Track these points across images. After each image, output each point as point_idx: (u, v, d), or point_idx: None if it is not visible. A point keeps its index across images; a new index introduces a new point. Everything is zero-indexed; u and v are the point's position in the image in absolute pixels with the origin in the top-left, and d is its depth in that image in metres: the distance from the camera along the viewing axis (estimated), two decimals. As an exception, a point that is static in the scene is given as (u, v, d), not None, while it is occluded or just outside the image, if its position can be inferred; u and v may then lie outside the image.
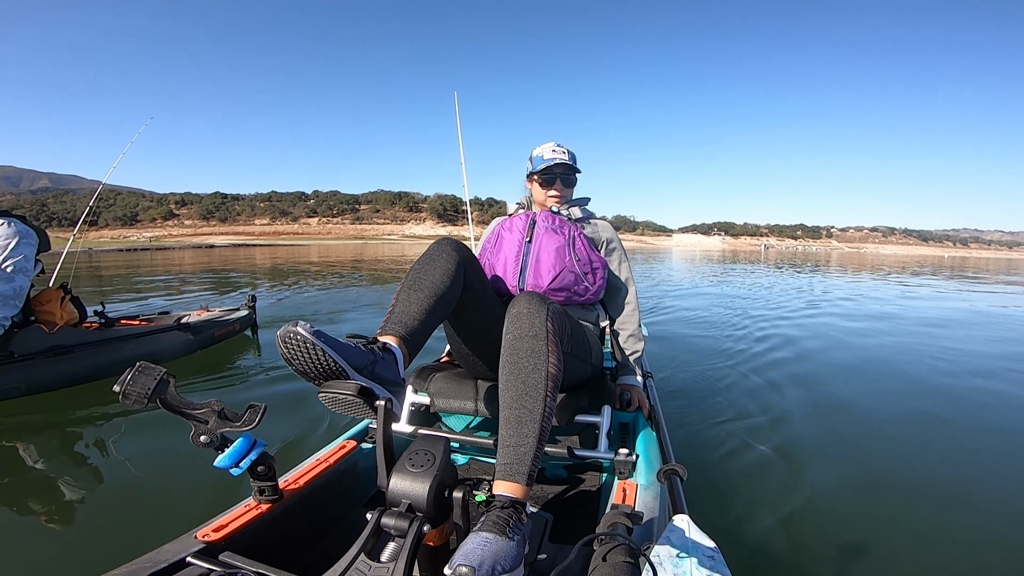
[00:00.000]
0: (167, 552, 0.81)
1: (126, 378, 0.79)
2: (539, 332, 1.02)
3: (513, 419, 0.94)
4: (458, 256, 1.19)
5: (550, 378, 0.98)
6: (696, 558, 0.74)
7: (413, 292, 1.09)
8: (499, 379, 1.02)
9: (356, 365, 0.88)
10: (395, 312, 1.06)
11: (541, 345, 1.00)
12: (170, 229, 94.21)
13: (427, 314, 1.06)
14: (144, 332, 3.15)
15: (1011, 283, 12.98)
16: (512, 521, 0.80)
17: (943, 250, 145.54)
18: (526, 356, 1.00)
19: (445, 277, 1.13)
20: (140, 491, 1.78)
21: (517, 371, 0.99)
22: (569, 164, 1.60)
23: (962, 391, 3.03)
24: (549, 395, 0.97)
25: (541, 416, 0.94)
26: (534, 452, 0.91)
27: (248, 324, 4.15)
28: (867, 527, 1.57)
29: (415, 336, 1.03)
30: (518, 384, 0.97)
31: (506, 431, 0.94)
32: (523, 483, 0.87)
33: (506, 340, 1.04)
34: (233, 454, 0.86)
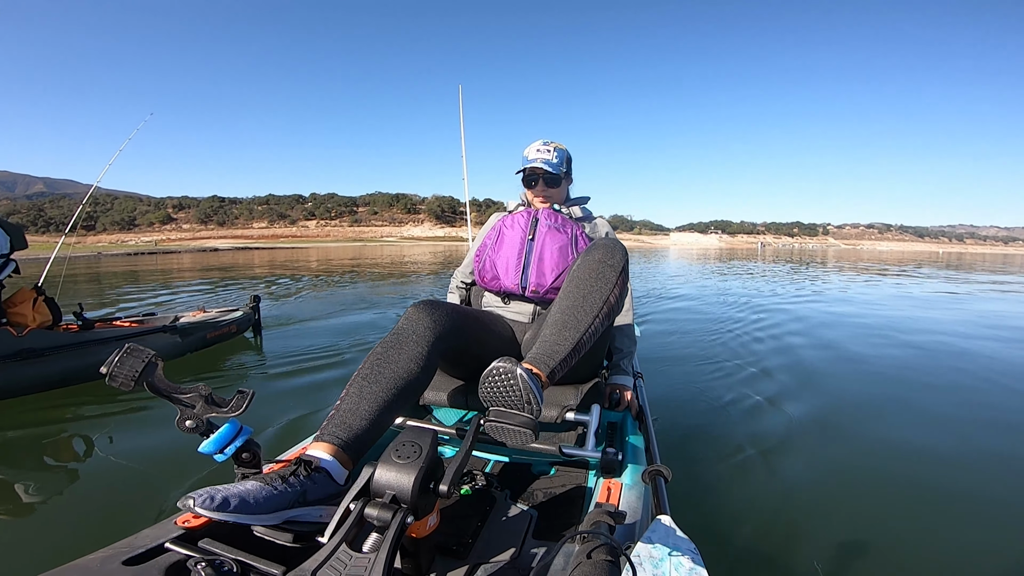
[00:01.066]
0: (145, 537, 0.80)
1: (113, 360, 0.78)
2: (616, 265, 1.08)
3: (559, 322, 1.01)
4: (433, 335, 1.06)
5: (607, 305, 1.04)
6: (676, 558, 0.74)
7: (367, 385, 0.96)
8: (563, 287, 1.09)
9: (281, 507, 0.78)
10: (339, 412, 0.93)
11: (613, 276, 1.06)
12: (168, 233, 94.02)
13: (381, 411, 0.94)
14: (124, 335, 3.06)
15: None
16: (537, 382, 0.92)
17: (939, 246, 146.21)
18: (595, 277, 1.05)
19: (412, 363, 1.01)
20: (121, 482, 1.81)
21: (582, 285, 1.05)
22: (547, 169, 1.54)
23: (946, 386, 3.05)
24: (599, 318, 1.02)
25: (585, 331, 0.99)
26: (564, 356, 0.97)
27: (248, 325, 4.08)
28: (847, 529, 1.58)
29: (359, 440, 0.90)
30: (577, 296, 1.03)
31: (549, 330, 1.01)
32: (545, 372, 0.95)
33: (583, 259, 1.11)
34: (218, 440, 0.85)
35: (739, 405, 2.71)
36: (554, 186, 1.58)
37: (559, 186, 1.59)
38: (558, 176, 1.56)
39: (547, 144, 1.59)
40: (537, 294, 1.42)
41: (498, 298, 1.54)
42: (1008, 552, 1.48)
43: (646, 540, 0.79)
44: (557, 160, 1.56)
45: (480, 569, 0.92)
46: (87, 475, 1.90)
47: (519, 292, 1.44)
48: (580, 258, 1.13)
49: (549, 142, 1.60)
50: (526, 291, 1.43)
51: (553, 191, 1.58)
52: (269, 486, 0.78)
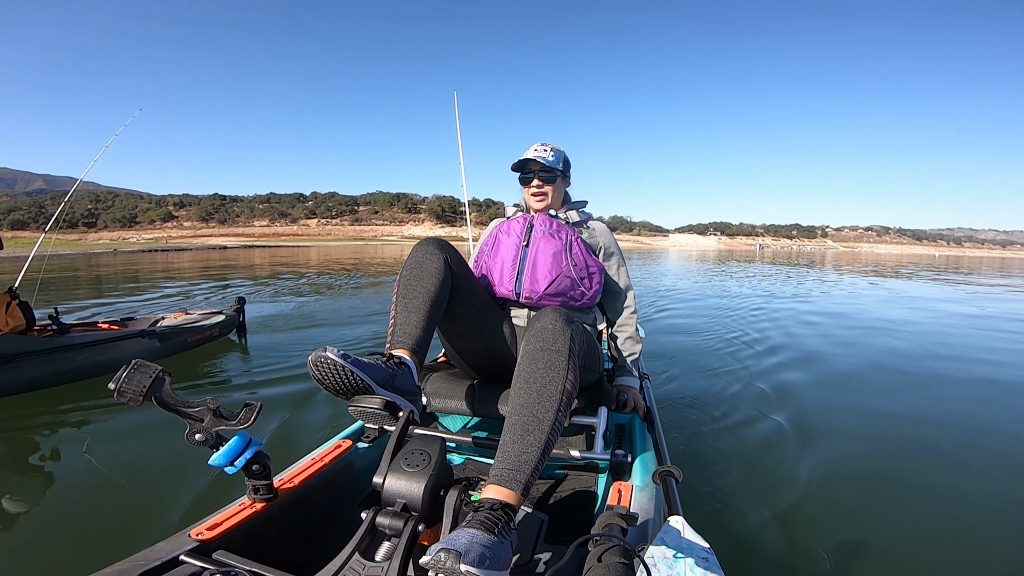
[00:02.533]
0: (160, 550, 0.81)
1: (121, 376, 0.78)
2: (562, 348, 1.00)
3: (520, 426, 0.91)
4: (443, 255, 1.23)
5: (565, 394, 0.95)
6: (690, 559, 0.74)
7: (409, 301, 1.15)
8: (512, 386, 1.00)
9: (379, 381, 0.97)
10: (397, 325, 1.12)
11: (562, 361, 0.98)
12: (169, 231, 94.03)
13: (426, 320, 1.13)
14: (99, 339, 2.97)
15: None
16: (501, 524, 0.75)
17: (936, 249, 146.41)
18: (544, 368, 0.98)
19: (434, 278, 1.19)
20: (133, 492, 1.78)
21: (533, 380, 0.96)
22: (541, 163, 1.52)
23: (959, 389, 3.04)
24: (561, 411, 0.94)
25: (549, 429, 0.90)
26: (535, 464, 0.87)
27: (231, 328, 3.99)
28: (863, 529, 1.58)
29: (421, 344, 1.10)
30: (531, 393, 0.95)
31: (509, 437, 0.90)
32: (518, 492, 0.83)
33: (526, 350, 1.02)
34: (228, 452, 0.86)
35: (748, 404, 2.70)
36: (550, 182, 1.55)
37: (555, 183, 1.56)
38: (553, 171, 1.54)
39: (545, 145, 1.59)
40: (531, 300, 1.42)
41: (487, 297, 1.55)
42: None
43: (659, 542, 0.79)
44: (553, 158, 1.55)
45: None
46: (65, 482, 1.88)
47: (514, 298, 1.45)
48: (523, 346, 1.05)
49: (547, 143, 1.60)
50: (520, 297, 1.43)
51: (549, 188, 1.55)
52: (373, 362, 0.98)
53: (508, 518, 0.78)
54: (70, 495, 1.78)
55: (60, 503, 1.73)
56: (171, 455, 2.02)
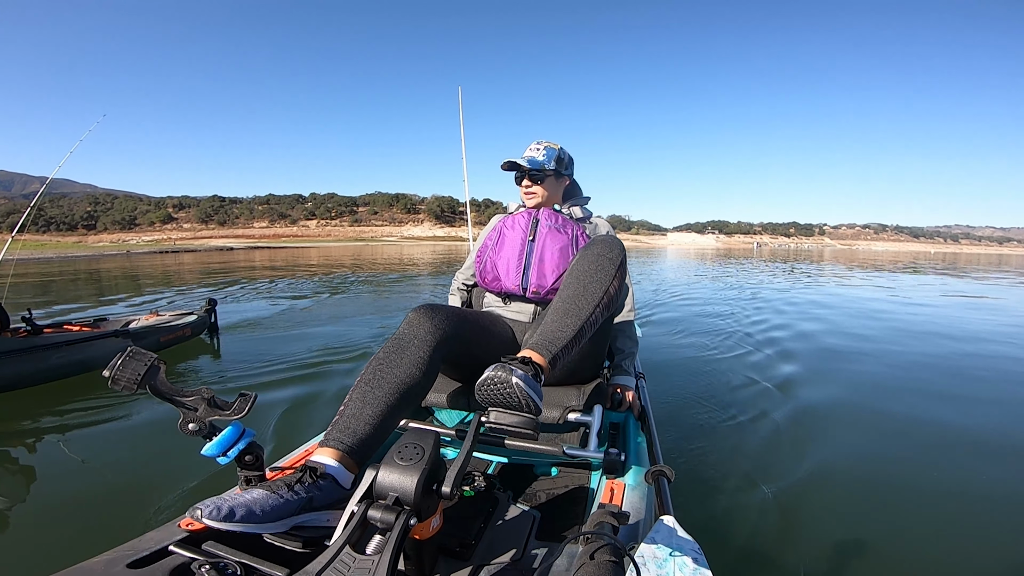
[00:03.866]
0: (149, 540, 0.80)
1: (116, 363, 0.78)
2: (615, 258, 1.12)
3: (561, 310, 1.03)
4: (435, 339, 1.07)
5: (607, 295, 1.07)
6: (680, 558, 0.74)
7: (370, 390, 0.97)
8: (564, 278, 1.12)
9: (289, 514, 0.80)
10: (343, 418, 0.94)
11: (612, 268, 1.10)
12: (169, 233, 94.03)
13: (384, 416, 0.95)
14: (73, 339, 3.03)
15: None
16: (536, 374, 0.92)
17: (932, 246, 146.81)
18: (596, 269, 1.09)
19: (413, 368, 1.02)
20: (122, 485, 1.80)
21: (583, 276, 1.08)
22: (522, 164, 1.52)
23: (959, 386, 3.04)
24: (600, 308, 1.05)
25: (586, 319, 1.02)
26: (566, 342, 0.98)
27: (203, 328, 4.07)
28: (855, 529, 1.58)
29: (364, 445, 0.92)
30: (579, 285, 1.07)
31: (551, 317, 1.03)
32: (547, 359, 0.95)
33: (584, 253, 1.14)
34: (221, 443, 0.85)
35: (742, 404, 2.71)
36: (539, 181, 1.55)
37: (544, 183, 1.55)
38: (540, 172, 1.53)
39: (539, 143, 1.58)
40: (538, 295, 1.42)
41: (499, 299, 1.54)
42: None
43: (649, 540, 0.79)
44: (544, 158, 1.54)
45: (483, 570, 0.92)
46: (48, 479, 1.89)
47: (520, 293, 1.44)
48: (579, 253, 1.16)
49: (542, 141, 1.59)
50: (527, 292, 1.43)
51: (538, 188, 1.55)
52: (275, 494, 0.80)
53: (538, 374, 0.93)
54: (53, 491, 1.78)
55: (43, 499, 1.74)
56: (154, 452, 2.05)
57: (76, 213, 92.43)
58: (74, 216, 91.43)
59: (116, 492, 1.76)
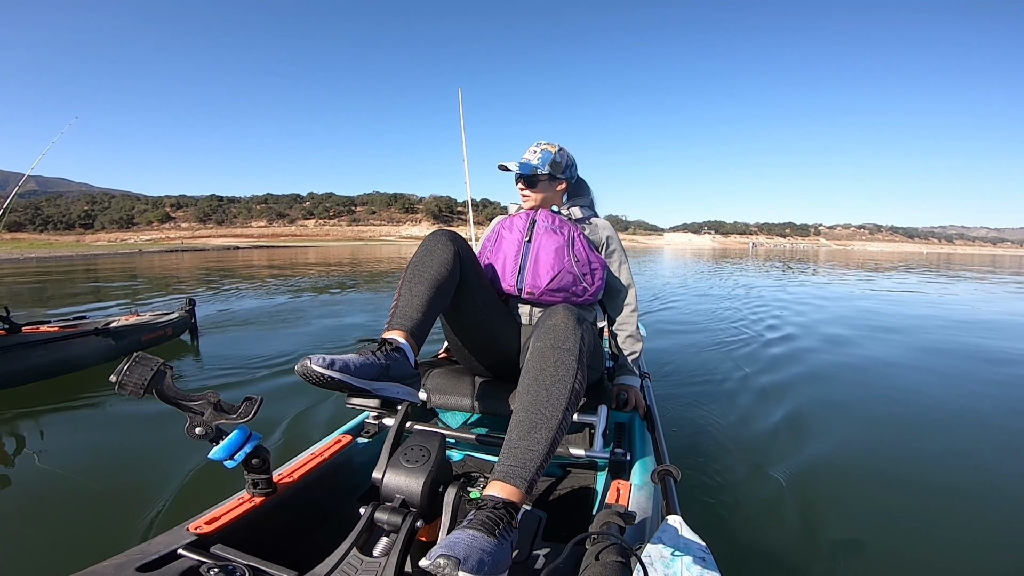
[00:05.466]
0: (158, 544, 0.80)
1: (123, 368, 0.78)
2: (573, 347, 1.00)
3: (527, 423, 0.91)
4: (454, 246, 1.23)
5: (574, 393, 0.96)
6: (687, 558, 0.74)
7: (415, 285, 1.14)
8: (520, 382, 1.00)
9: (373, 376, 0.94)
10: (399, 307, 1.11)
11: (572, 360, 0.98)
12: (167, 232, 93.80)
13: (428, 305, 1.12)
14: (53, 338, 2.97)
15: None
16: (503, 524, 0.76)
17: (926, 247, 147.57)
18: (554, 366, 0.97)
19: (442, 267, 1.18)
20: (133, 486, 1.78)
21: (542, 378, 0.96)
22: (510, 169, 1.54)
23: (960, 389, 3.04)
24: (568, 410, 0.94)
25: (556, 428, 0.91)
26: (540, 461, 0.87)
27: (184, 328, 4.04)
28: (862, 528, 1.57)
29: (420, 327, 1.09)
30: (540, 390, 0.95)
31: (516, 433, 0.91)
32: (522, 489, 0.84)
33: (535, 347, 1.02)
34: (228, 446, 0.86)
35: (749, 403, 2.70)
36: (531, 186, 1.56)
37: (536, 186, 1.56)
38: (532, 176, 1.54)
39: (538, 145, 1.58)
40: (533, 296, 1.42)
41: (494, 295, 1.54)
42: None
43: (656, 541, 0.79)
44: (539, 161, 1.54)
45: None
46: (99, 477, 1.87)
47: (516, 294, 1.44)
48: (532, 343, 1.04)
49: (540, 143, 1.58)
50: (522, 293, 1.43)
51: (532, 192, 1.56)
52: (363, 356, 0.94)
53: (510, 517, 0.79)
54: (45, 494, 1.74)
55: (34, 504, 1.69)
56: (141, 452, 2.03)
57: (73, 212, 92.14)
58: (71, 215, 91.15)
59: (115, 496, 1.74)
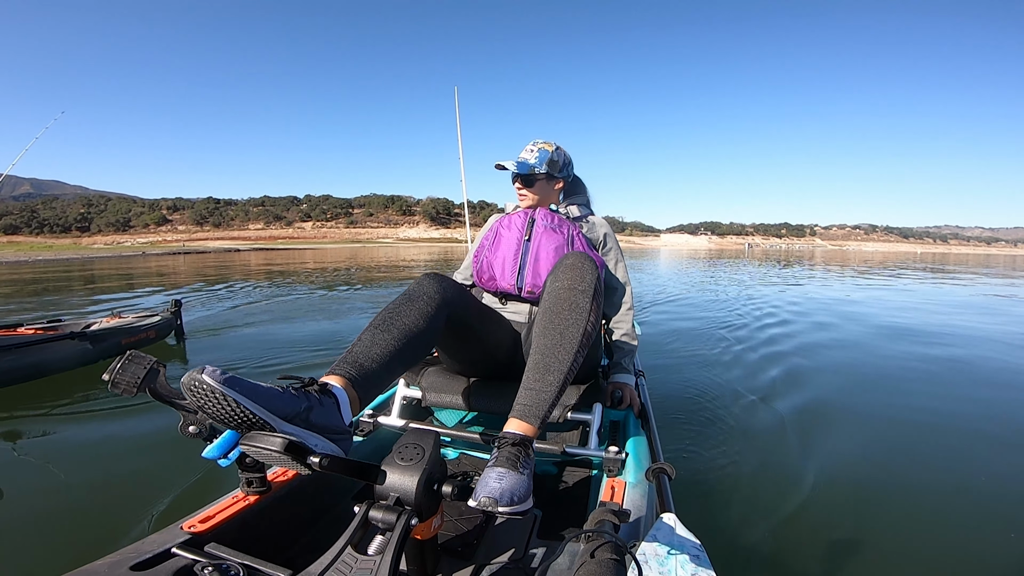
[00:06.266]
0: (152, 543, 0.80)
1: (115, 367, 0.78)
2: (587, 288, 1.05)
3: (541, 366, 0.98)
4: (440, 298, 1.09)
5: (586, 335, 1.02)
6: (681, 556, 0.74)
7: (380, 333, 0.98)
8: (536, 324, 1.06)
9: (283, 414, 0.75)
10: (351, 353, 0.94)
11: (586, 302, 1.04)
12: (164, 235, 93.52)
13: (391, 358, 0.96)
14: (25, 342, 2.84)
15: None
16: (521, 457, 0.87)
17: (920, 247, 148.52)
18: (568, 309, 1.03)
19: (420, 320, 1.04)
20: (126, 485, 1.77)
21: (557, 321, 1.02)
22: (506, 167, 1.54)
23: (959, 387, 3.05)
24: (580, 352, 1.01)
25: (568, 369, 0.98)
26: (552, 400, 0.95)
27: (168, 331, 3.92)
28: (856, 527, 1.58)
29: (369, 380, 0.91)
30: (554, 334, 1.01)
31: (531, 375, 0.98)
32: (535, 425, 0.93)
33: (552, 287, 1.08)
34: (222, 445, 0.85)
35: (743, 401, 2.71)
36: (528, 185, 1.56)
37: (534, 185, 1.56)
38: (529, 176, 1.54)
39: (535, 144, 1.58)
40: (533, 294, 1.42)
41: (496, 299, 1.54)
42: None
43: (650, 538, 0.79)
44: (536, 160, 1.54)
45: (485, 569, 0.92)
46: (93, 475, 1.86)
47: (515, 292, 1.44)
48: (548, 285, 1.08)
49: (537, 142, 1.58)
50: (522, 291, 1.43)
51: (529, 191, 1.56)
52: (279, 388, 0.78)
53: (527, 451, 0.89)
54: (35, 497, 1.73)
55: (24, 507, 1.68)
56: (134, 453, 2.01)
57: (70, 215, 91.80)
58: (68, 218, 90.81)
59: (108, 496, 1.73)
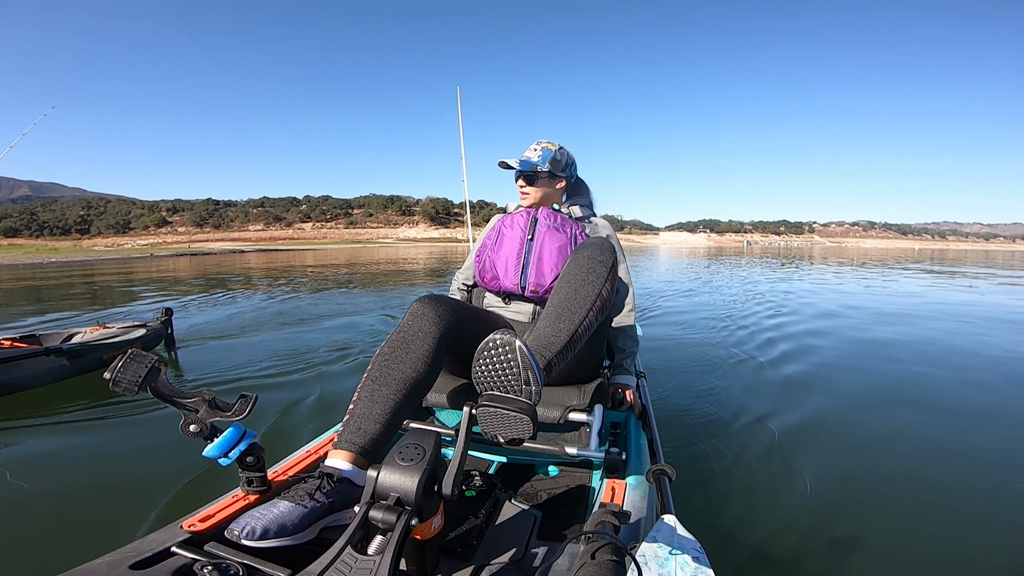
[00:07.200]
0: (151, 542, 0.80)
1: (116, 366, 0.79)
2: (606, 261, 1.10)
3: (554, 315, 1.01)
4: (439, 330, 1.09)
5: (600, 299, 1.05)
6: (681, 557, 0.74)
7: (378, 388, 0.99)
8: (555, 286, 1.10)
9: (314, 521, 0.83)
10: (353, 417, 0.96)
11: (603, 271, 1.08)
12: (164, 236, 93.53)
13: (392, 413, 0.97)
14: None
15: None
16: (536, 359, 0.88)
17: (919, 243, 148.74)
18: (587, 272, 1.07)
19: (419, 364, 1.03)
20: (126, 485, 1.78)
21: (573, 280, 1.06)
22: (511, 165, 1.54)
23: (953, 387, 3.04)
24: (593, 312, 1.03)
25: (580, 323, 1.00)
26: (561, 347, 0.96)
27: (158, 341, 3.75)
28: (856, 529, 1.57)
29: (375, 443, 0.95)
30: (570, 289, 1.05)
31: (544, 322, 1.01)
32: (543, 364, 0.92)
33: (572, 258, 1.13)
34: (222, 444, 0.86)
35: (743, 402, 2.70)
36: (531, 183, 1.56)
37: (537, 184, 1.57)
38: (532, 174, 1.55)
39: (538, 143, 1.59)
40: (536, 294, 1.43)
41: (498, 298, 1.54)
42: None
43: (651, 540, 0.79)
44: (539, 159, 1.54)
45: (484, 570, 0.92)
46: (94, 476, 1.86)
47: (518, 292, 1.44)
48: (571, 257, 1.16)
49: (541, 141, 1.59)
50: (525, 291, 1.43)
51: (531, 189, 1.57)
52: (300, 505, 0.82)
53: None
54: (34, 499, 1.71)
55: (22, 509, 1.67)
56: (134, 452, 2.02)
57: (69, 217, 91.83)
58: (67, 220, 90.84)
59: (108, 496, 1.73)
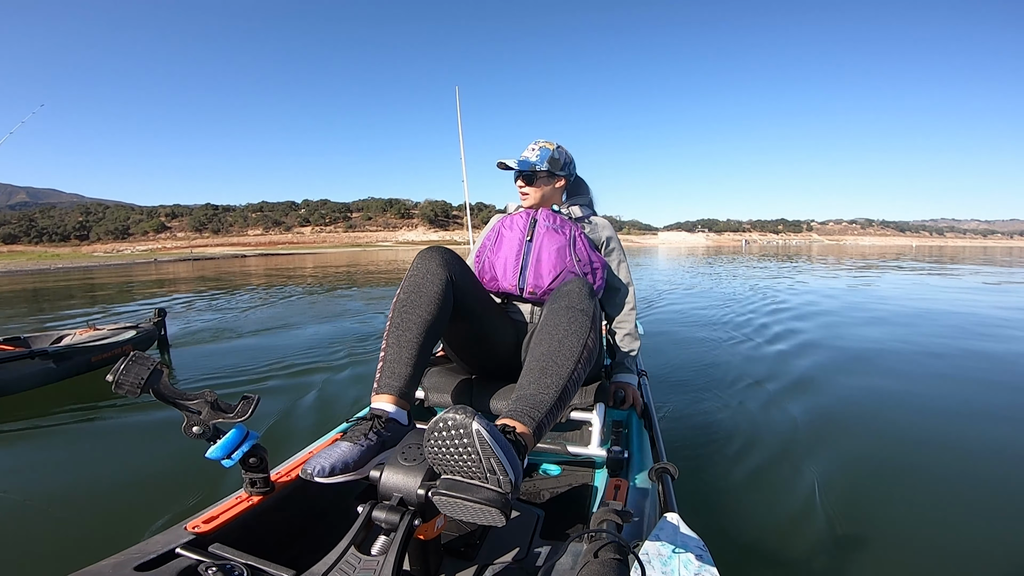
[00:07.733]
0: (156, 543, 0.81)
1: (119, 368, 0.79)
2: (587, 310, 1.05)
3: (537, 369, 0.95)
4: (446, 273, 1.15)
5: (586, 349, 1.00)
6: (685, 555, 0.74)
7: (403, 333, 1.07)
8: (532, 340, 1.05)
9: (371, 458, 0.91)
10: (386, 365, 1.05)
11: (586, 320, 1.03)
12: (163, 242, 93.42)
13: (419, 353, 1.06)
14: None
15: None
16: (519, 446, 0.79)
17: (916, 240, 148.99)
18: (568, 323, 1.02)
19: (433, 305, 1.10)
20: (131, 487, 1.78)
21: (555, 333, 1.01)
22: (508, 165, 1.55)
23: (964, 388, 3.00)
24: (580, 365, 0.97)
25: (567, 377, 0.94)
26: (549, 406, 0.89)
27: (149, 343, 3.70)
28: (860, 526, 1.57)
29: (410, 382, 1.04)
30: (552, 342, 0.99)
31: (528, 379, 0.94)
32: (530, 428, 0.84)
33: (551, 308, 1.07)
34: (225, 445, 0.86)
35: (746, 400, 2.70)
36: (530, 183, 1.56)
37: (535, 183, 1.56)
38: (531, 174, 1.55)
39: (536, 143, 1.59)
40: (534, 295, 1.43)
41: (498, 299, 1.54)
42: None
43: (654, 538, 0.79)
44: (537, 158, 1.54)
45: (487, 570, 0.92)
46: (98, 477, 1.87)
47: (517, 293, 1.44)
48: (546, 307, 1.09)
49: (539, 141, 1.59)
50: (524, 292, 1.43)
51: (530, 189, 1.57)
52: (357, 444, 0.90)
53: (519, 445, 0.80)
54: (40, 500, 1.74)
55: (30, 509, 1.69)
56: (138, 455, 2.04)
57: (68, 223, 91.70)
58: (66, 226, 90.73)
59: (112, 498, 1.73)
